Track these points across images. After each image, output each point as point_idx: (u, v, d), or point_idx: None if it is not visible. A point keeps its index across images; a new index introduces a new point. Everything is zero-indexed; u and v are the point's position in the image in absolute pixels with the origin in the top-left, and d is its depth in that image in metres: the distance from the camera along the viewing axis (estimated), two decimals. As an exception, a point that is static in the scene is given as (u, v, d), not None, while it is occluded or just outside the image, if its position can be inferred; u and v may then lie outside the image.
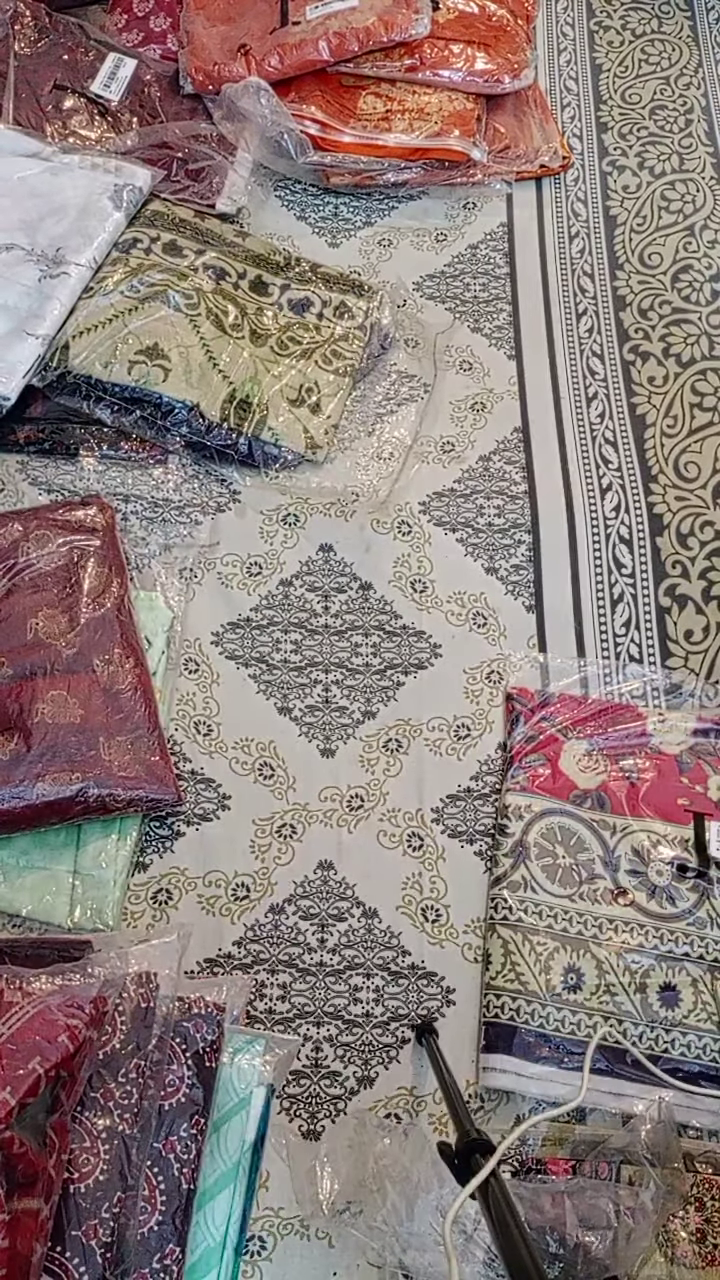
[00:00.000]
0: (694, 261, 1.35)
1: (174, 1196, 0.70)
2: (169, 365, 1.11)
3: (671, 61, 1.54)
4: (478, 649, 1.07)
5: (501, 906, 0.92)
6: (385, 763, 1.01)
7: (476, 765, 1.01)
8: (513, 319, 1.30)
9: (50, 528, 1.02)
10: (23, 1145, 0.65)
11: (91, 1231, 0.64)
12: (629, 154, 1.46)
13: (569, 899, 0.92)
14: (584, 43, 1.57)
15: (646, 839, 0.95)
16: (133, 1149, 0.68)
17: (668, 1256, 0.78)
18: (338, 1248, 0.81)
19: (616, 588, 1.12)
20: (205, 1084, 0.74)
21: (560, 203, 1.41)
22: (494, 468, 1.19)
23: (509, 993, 0.88)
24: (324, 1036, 0.89)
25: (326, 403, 1.16)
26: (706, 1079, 0.86)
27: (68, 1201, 0.64)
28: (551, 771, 0.98)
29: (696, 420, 1.22)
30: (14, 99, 1.29)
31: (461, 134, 1.32)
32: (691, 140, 1.46)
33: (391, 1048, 0.88)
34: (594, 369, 1.27)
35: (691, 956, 0.90)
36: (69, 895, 0.90)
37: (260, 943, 0.92)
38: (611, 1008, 0.88)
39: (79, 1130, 0.66)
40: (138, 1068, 0.70)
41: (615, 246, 1.38)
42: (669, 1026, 0.87)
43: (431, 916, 0.94)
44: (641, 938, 0.91)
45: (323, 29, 1.29)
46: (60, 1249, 0.63)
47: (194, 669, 1.04)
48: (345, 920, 0.93)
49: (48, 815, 0.88)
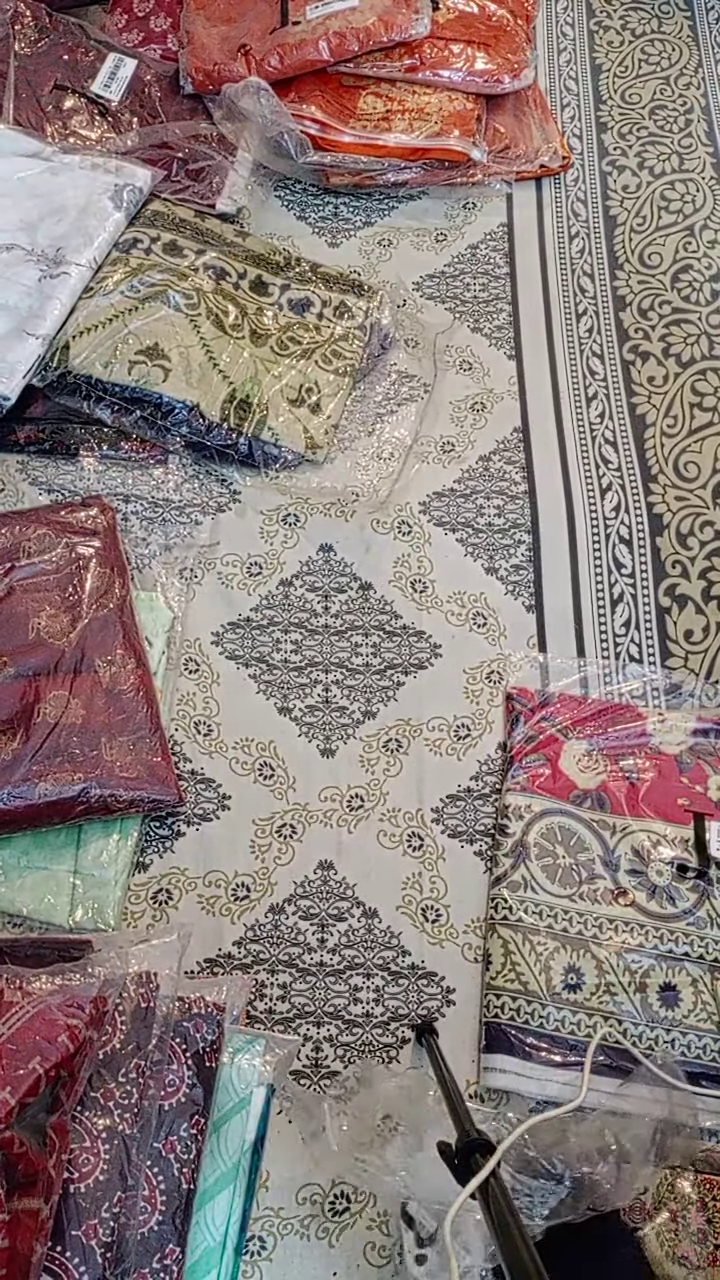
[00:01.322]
0: (694, 261, 1.35)
1: (174, 1196, 0.70)
2: (169, 365, 1.11)
3: (671, 61, 1.54)
4: (478, 649, 1.07)
5: (501, 906, 0.92)
6: (385, 763, 1.01)
7: (476, 765, 1.01)
8: (513, 319, 1.30)
9: (52, 528, 1.02)
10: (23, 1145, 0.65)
11: (91, 1231, 0.64)
12: (629, 154, 1.46)
13: (569, 899, 0.92)
14: (584, 43, 1.57)
15: (646, 839, 0.95)
16: (133, 1149, 0.68)
17: (670, 1257, 0.78)
18: (338, 1248, 0.81)
19: (616, 588, 1.12)
20: (205, 1084, 0.74)
21: (560, 203, 1.41)
22: (494, 468, 1.19)
23: (509, 993, 0.88)
24: (324, 1036, 0.89)
25: (326, 403, 1.16)
26: (707, 1079, 0.86)
27: (68, 1201, 0.64)
28: (551, 771, 0.98)
29: (696, 420, 1.22)
30: (14, 99, 1.29)
31: (461, 134, 1.32)
32: (691, 140, 1.46)
33: (391, 1048, 0.88)
34: (594, 369, 1.27)
35: (691, 956, 0.90)
36: (69, 895, 0.90)
37: (260, 943, 0.92)
38: (611, 1008, 0.88)
39: (79, 1130, 0.66)
40: (138, 1068, 0.70)
41: (615, 246, 1.38)
42: (669, 1026, 0.87)
43: (431, 916, 0.94)
44: (641, 938, 0.91)
45: (323, 29, 1.29)
46: (60, 1249, 0.63)
47: (194, 669, 1.04)
48: (345, 920, 0.93)
49: (49, 815, 0.88)
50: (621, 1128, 0.79)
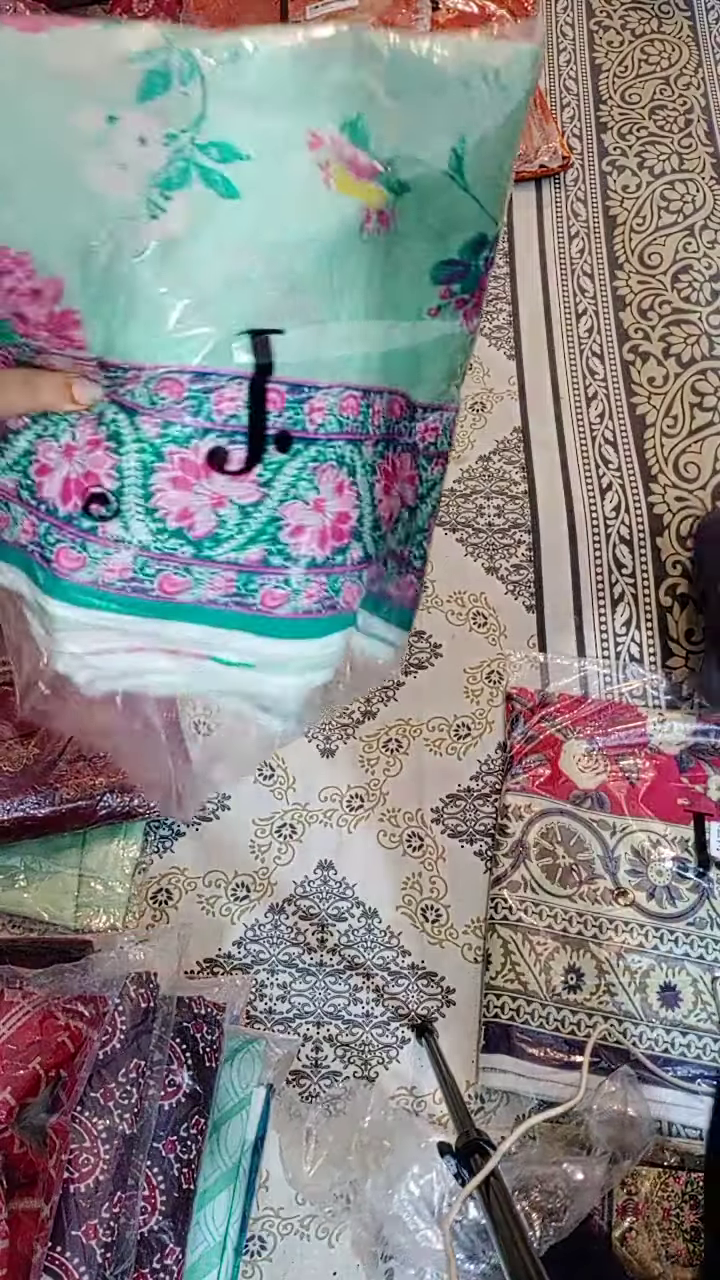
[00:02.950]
0: (694, 262, 1.35)
1: (174, 1196, 0.70)
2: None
3: (671, 61, 1.54)
4: (478, 649, 1.07)
5: (501, 906, 0.92)
6: (385, 762, 1.01)
7: (476, 765, 1.01)
8: (513, 319, 1.30)
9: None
10: (23, 1145, 0.65)
11: (91, 1231, 0.64)
12: (629, 154, 1.46)
13: (569, 899, 0.92)
14: (584, 43, 1.57)
15: (646, 839, 0.95)
16: (133, 1149, 0.68)
17: (662, 1255, 0.78)
18: (337, 1248, 0.81)
19: (617, 588, 1.12)
20: (205, 1084, 0.74)
21: (560, 203, 1.41)
22: (494, 468, 1.19)
23: (509, 993, 0.88)
24: (324, 1036, 0.89)
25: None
26: (706, 1079, 0.86)
27: (68, 1201, 0.64)
28: (551, 771, 0.98)
29: (696, 420, 1.22)
30: (14, 99, 1.28)
31: (461, 134, 1.31)
32: (691, 140, 1.46)
33: (391, 1048, 0.88)
34: (594, 369, 1.27)
35: (691, 956, 0.90)
36: (74, 896, 0.90)
37: (260, 943, 0.92)
38: (611, 1008, 0.88)
39: (79, 1130, 0.66)
40: (138, 1068, 0.70)
41: (615, 246, 1.38)
42: (669, 1026, 0.87)
43: (431, 916, 0.94)
44: (641, 938, 0.91)
45: (323, 29, 1.29)
46: (60, 1249, 0.63)
47: (194, 669, 1.04)
48: (345, 920, 0.93)
49: (71, 821, 0.88)
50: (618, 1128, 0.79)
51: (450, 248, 0.49)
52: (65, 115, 0.39)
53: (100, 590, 0.46)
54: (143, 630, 0.48)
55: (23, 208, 0.40)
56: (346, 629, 0.52)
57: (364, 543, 0.50)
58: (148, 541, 0.45)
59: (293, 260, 0.43)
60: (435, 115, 0.46)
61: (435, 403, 0.54)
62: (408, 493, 0.55)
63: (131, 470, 0.45)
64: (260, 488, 0.46)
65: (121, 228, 0.40)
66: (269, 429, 0.45)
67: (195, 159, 0.41)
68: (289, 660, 0.50)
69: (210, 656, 0.49)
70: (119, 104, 0.40)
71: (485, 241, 0.50)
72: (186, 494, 0.45)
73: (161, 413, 0.44)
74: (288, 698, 0.52)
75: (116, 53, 0.40)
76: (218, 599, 0.47)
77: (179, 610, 0.47)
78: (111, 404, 0.44)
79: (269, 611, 0.48)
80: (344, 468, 0.48)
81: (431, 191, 0.47)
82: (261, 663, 0.49)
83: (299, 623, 0.49)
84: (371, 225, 0.46)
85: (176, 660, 0.50)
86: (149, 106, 0.40)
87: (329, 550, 0.48)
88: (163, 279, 0.41)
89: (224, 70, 0.42)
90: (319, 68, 0.44)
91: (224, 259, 0.42)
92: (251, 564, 0.47)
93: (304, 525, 0.47)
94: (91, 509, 0.45)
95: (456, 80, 0.46)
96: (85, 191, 0.40)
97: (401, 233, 0.48)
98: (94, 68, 0.40)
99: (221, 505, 0.45)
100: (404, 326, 0.50)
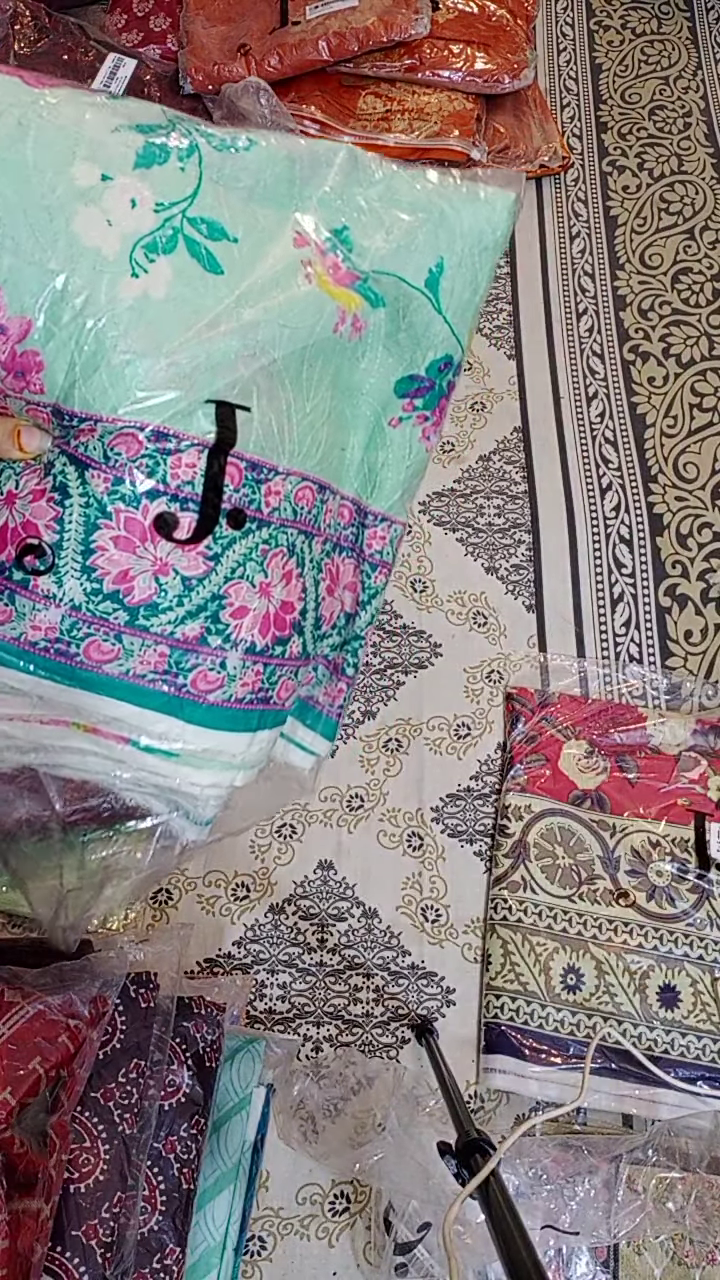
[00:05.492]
0: (694, 263, 1.35)
1: (174, 1196, 0.70)
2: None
3: (671, 62, 1.54)
4: (478, 649, 1.07)
5: (501, 907, 0.92)
6: (385, 762, 1.01)
7: (476, 765, 1.01)
8: (513, 319, 1.30)
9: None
10: (23, 1145, 0.65)
11: (91, 1231, 0.64)
12: (629, 154, 1.46)
13: (569, 899, 0.92)
14: (584, 43, 1.57)
15: (646, 839, 0.95)
16: (133, 1149, 0.67)
17: (669, 1255, 0.78)
18: (337, 1248, 0.81)
19: (616, 588, 1.12)
20: (205, 1084, 0.74)
21: (560, 203, 1.41)
22: (494, 467, 1.19)
23: (509, 993, 0.88)
24: (324, 1036, 0.89)
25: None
26: (706, 1079, 0.86)
27: (68, 1201, 0.64)
28: (551, 772, 0.98)
29: (696, 420, 1.22)
30: (14, 99, 1.28)
31: (461, 134, 1.32)
32: (691, 141, 1.46)
33: (391, 1048, 0.88)
34: (594, 369, 1.27)
35: (691, 957, 0.90)
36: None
37: (260, 943, 0.92)
38: (611, 1008, 0.88)
39: (79, 1130, 0.66)
40: (138, 1068, 0.70)
41: (615, 247, 1.38)
42: (669, 1027, 0.87)
43: (431, 916, 0.94)
44: (641, 938, 0.91)
45: (322, 29, 1.29)
46: (60, 1249, 0.63)
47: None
48: (345, 920, 0.93)
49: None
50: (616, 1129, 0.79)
51: (417, 363, 0.51)
52: (67, 165, 0.41)
53: (21, 649, 0.44)
54: (61, 701, 0.45)
55: (6, 240, 0.40)
56: (276, 727, 0.50)
57: (304, 639, 0.49)
58: (80, 601, 0.43)
59: (268, 342, 0.43)
60: (418, 238, 0.48)
61: (385, 513, 0.54)
62: (348, 599, 0.54)
63: (74, 525, 0.43)
64: (207, 560, 0.44)
65: (100, 279, 0.41)
66: (225, 502, 0.44)
67: (184, 230, 0.42)
68: (215, 753, 0.48)
69: (131, 740, 0.47)
70: (115, 166, 0.42)
71: (451, 364, 0.51)
72: (129, 555, 0.43)
73: (114, 469, 0.42)
74: (207, 799, 0.50)
75: (122, 120, 0.42)
76: (147, 674, 0.45)
77: (103, 683, 0.45)
78: (61, 454, 0.43)
79: (200, 696, 0.46)
80: (294, 556, 0.47)
81: (407, 309, 0.49)
82: (185, 753, 0.47)
83: (231, 712, 0.47)
84: (345, 328, 0.47)
85: (94, 741, 0.47)
86: (144, 174, 0.42)
87: (270, 639, 0.46)
88: (135, 335, 0.41)
89: (222, 157, 0.44)
90: (312, 175, 0.46)
91: (200, 328, 0.42)
92: (188, 641, 0.45)
93: (248, 607, 0.45)
94: (26, 561, 0.43)
95: (441, 210, 0.49)
96: (70, 237, 0.40)
97: (372, 342, 0.49)
98: (97, 130, 0.42)
99: (164, 573, 0.44)
100: (365, 431, 0.51)
